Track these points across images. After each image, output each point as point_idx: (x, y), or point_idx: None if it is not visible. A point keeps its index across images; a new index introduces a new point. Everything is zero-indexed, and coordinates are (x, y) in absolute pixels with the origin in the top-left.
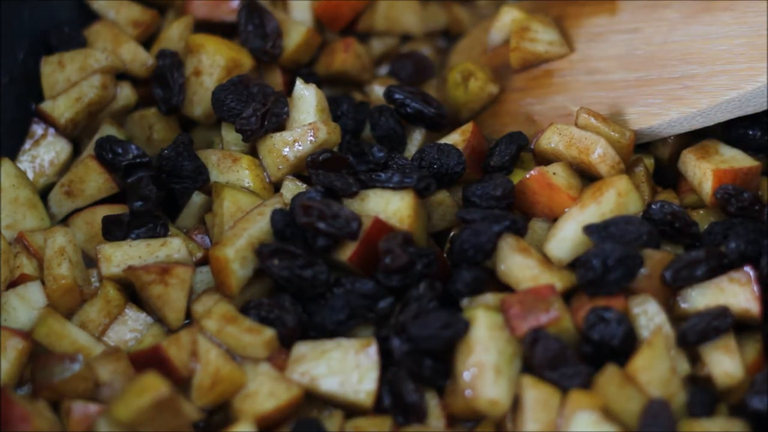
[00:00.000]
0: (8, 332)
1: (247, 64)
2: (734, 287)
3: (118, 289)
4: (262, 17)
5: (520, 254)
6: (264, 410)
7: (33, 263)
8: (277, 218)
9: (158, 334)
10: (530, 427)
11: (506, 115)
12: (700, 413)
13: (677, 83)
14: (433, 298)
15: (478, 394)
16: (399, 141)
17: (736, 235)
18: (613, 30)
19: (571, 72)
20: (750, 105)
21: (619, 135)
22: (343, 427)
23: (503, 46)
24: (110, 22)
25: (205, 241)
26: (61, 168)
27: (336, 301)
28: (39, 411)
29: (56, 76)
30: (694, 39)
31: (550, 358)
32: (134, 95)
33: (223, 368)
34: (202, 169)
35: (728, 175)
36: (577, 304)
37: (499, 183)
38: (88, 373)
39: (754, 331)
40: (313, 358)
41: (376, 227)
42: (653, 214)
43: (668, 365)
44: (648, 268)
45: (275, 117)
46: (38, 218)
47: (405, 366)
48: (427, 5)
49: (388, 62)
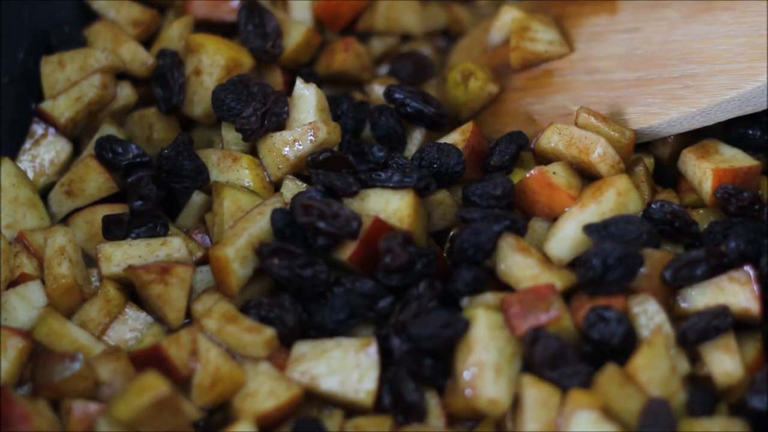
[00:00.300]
0: (8, 331)
1: (247, 64)
2: (734, 286)
3: (118, 289)
4: (262, 17)
5: (520, 254)
6: (264, 409)
7: (33, 263)
8: (277, 218)
9: (158, 333)
10: (530, 426)
11: (506, 114)
12: (700, 412)
13: (677, 83)
14: (433, 297)
15: (478, 394)
16: (399, 140)
17: (736, 235)
18: (613, 29)
19: (571, 71)
20: (750, 104)
21: (619, 134)
22: (343, 427)
23: (503, 45)
24: (110, 21)
25: (205, 240)
26: (62, 167)
27: (336, 301)
28: (39, 410)
29: (56, 76)
30: (693, 38)
31: (550, 357)
32: (134, 95)
33: (223, 367)
34: (202, 168)
35: (728, 174)
36: (577, 304)
37: (499, 182)
38: (88, 373)
39: (754, 331)
40: (313, 358)
41: (376, 227)
42: (653, 214)
43: (668, 364)
44: (648, 267)
45: (275, 116)
46: (38, 218)
47: (405, 365)
48: (427, 5)
49: (388, 62)
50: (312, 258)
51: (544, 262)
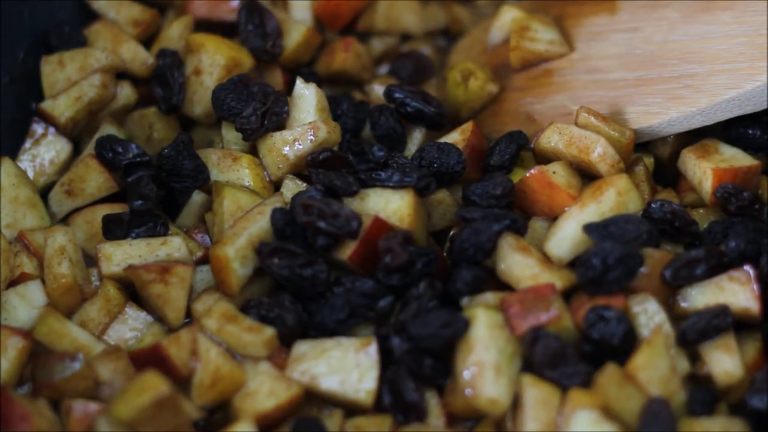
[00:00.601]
0: (8, 331)
1: (247, 64)
2: (734, 286)
3: (118, 288)
4: (262, 16)
5: (520, 253)
6: (264, 409)
7: (33, 262)
8: (277, 217)
9: (158, 333)
10: (530, 426)
11: (506, 114)
12: (699, 412)
13: (677, 82)
14: (433, 297)
15: (478, 393)
16: (399, 140)
17: (735, 234)
18: (613, 29)
19: (571, 71)
20: (750, 104)
21: (619, 134)
22: (343, 426)
23: (503, 45)
24: (110, 21)
25: (205, 240)
26: (62, 167)
27: (336, 300)
28: (39, 410)
29: (56, 76)
30: (693, 38)
31: (550, 356)
32: (134, 94)
33: (223, 367)
34: (202, 168)
35: (728, 174)
36: (577, 303)
37: (499, 182)
38: (88, 372)
39: (754, 330)
40: (313, 357)
41: (376, 226)
42: (653, 213)
43: (668, 364)
44: (648, 267)
45: (275, 116)
46: (38, 217)
47: (405, 365)
48: (427, 5)
49: (388, 62)
50: (312, 258)
51: (544, 262)
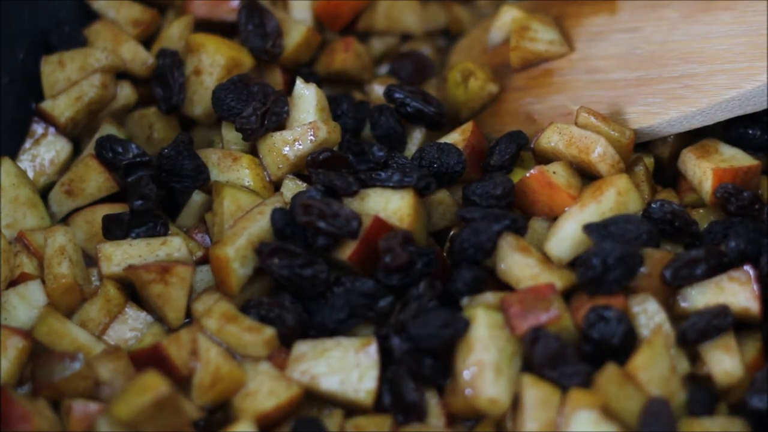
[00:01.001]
0: (8, 331)
1: (247, 64)
2: (734, 286)
3: (118, 288)
4: (262, 16)
5: (520, 253)
6: (264, 409)
7: (33, 262)
8: (277, 217)
9: (158, 333)
10: (530, 426)
11: (506, 114)
12: (699, 412)
13: (677, 82)
14: (433, 297)
15: (478, 393)
16: (399, 140)
17: (735, 234)
18: (613, 29)
19: (571, 71)
20: (750, 104)
21: (619, 134)
22: (343, 426)
23: (503, 45)
24: (110, 21)
25: (205, 240)
26: (62, 167)
27: (336, 300)
28: (39, 410)
29: (56, 76)
30: (693, 38)
31: (550, 356)
32: (134, 94)
33: (223, 367)
34: (202, 168)
35: (728, 174)
36: (577, 303)
37: (499, 182)
38: (88, 372)
39: (754, 330)
40: (313, 357)
41: (376, 226)
42: (653, 213)
43: (668, 364)
44: (648, 267)
45: (275, 116)
46: (38, 217)
47: (405, 365)
48: (427, 5)
49: (388, 62)
50: (312, 258)
51: (544, 262)
